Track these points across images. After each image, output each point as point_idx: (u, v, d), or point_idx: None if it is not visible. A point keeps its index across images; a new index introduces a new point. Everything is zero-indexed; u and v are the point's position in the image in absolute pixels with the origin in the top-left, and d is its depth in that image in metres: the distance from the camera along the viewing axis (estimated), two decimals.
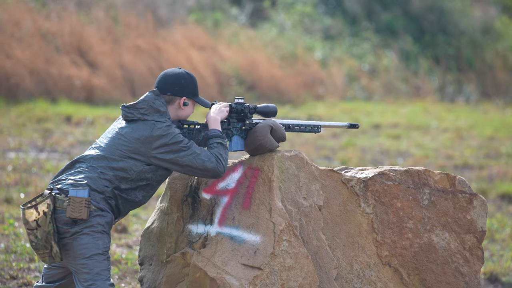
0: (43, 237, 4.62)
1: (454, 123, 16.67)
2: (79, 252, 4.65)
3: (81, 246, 4.65)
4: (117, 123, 4.89)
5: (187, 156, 4.77)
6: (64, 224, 4.64)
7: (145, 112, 4.79)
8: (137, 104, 4.81)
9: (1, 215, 7.93)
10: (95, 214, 4.67)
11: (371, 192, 5.22)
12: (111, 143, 4.77)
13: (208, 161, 4.80)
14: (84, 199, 4.61)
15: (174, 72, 4.94)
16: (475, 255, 5.32)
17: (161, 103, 4.84)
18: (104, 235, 4.70)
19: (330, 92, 20.03)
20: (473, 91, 22.20)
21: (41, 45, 16.30)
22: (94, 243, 4.67)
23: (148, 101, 4.82)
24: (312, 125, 5.32)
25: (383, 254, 5.20)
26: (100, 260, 4.68)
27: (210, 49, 18.98)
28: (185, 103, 4.91)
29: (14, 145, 11.59)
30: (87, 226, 4.65)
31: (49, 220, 4.61)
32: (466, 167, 12.33)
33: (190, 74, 4.96)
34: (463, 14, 24.54)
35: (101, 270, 4.67)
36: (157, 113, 4.81)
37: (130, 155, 4.74)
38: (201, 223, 5.05)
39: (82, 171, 4.73)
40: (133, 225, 8.21)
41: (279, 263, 4.85)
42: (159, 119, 4.79)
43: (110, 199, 4.73)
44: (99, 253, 4.67)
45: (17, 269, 6.53)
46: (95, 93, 16.30)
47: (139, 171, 4.76)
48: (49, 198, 4.63)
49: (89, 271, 4.65)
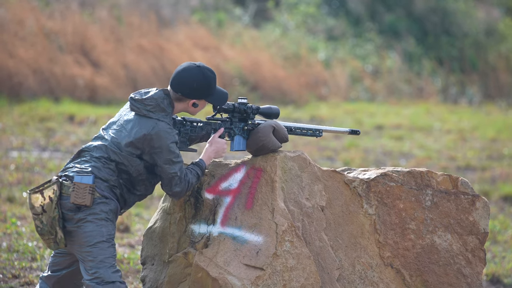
0: (48, 222, 4.65)
1: (457, 124, 16.66)
2: (84, 240, 4.68)
3: (86, 234, 4.68)
4: (124, 113, 4.89)
5: (169, 169, 4.78)
6: (69, 211, 4.67)
7: (152, 109, 4.80)
8: (145, 100, 4.81)
9: (3, 214, 7.93)
10: (99, 201, 4.70)
11: (374, 193, 5.22)
12: (114, 134, 4.80)
13: (179, 184, 4.83)
14: (89, 185, 4.65)
15: (189, 72, 4.88)
16: (477, 256, 5.32)
17: (168, 103, 4.84)
18: (108, 222, 4.72)
19: (333, 93, 20.02)
20: (476, 92, 22.18)
21: (44, 44, 16.31)
22: (98, 230, 4.69)
23: (157, 99, 4.82)
24: (313, 129, 5.32)
25: (386, 255, 5.20)
26: (104, 247, 4.70)
27: (214, 49, 18.98)
28: (194, 104, 4.91)
29: (17, 144, 11.60)
30: (91, 214, 4.68)
31: (54, 205, 4.64)
32: (468, 168, 12.32)
33: (206, 75, 4.89)
34: (466, 15, 24.52)
35: (105, 258, 4.69)
36: (163, 112, 4.81)
37: (131, 150, 4.75)
38: (203, 223, 5.05)
39: (87, 160, 4.77)
40: (136, 224, 8.21)
41: (281, 263, 4.85)
42: (163, 119, 4.79)
43: (114, 188, 4.75)
44: (103, 241, 4.70)
45: (19, 268, 6.53)
46: (98, 92, 16.30)
47: (137, 165, 4.77)
48: (55, 184, 4.66)
49: (93, 258, 4.68)
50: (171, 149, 4.77)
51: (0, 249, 6.93)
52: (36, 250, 6.92)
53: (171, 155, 4.77)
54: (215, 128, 5.10)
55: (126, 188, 4.81)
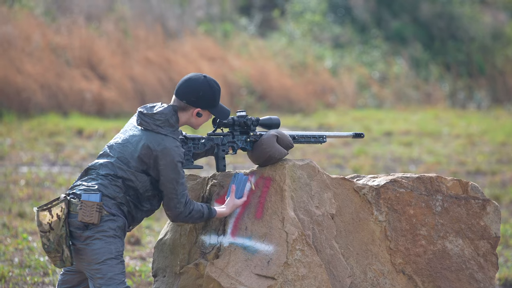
0: (55, 240, 4.65)
1: (465, 129, 16.63)
2: (92, 257, 4.67)
3: (94, 251, 4.67)
4: (129, 128, 4.88)
5: (171, 189, 4.76)
6: (77, 228, 4.67)
7: (161, 124, 4.79)
8: (155, 115, 4.79)
9: (14, 229, 7.95)
10: (107, 219, 4.69)
11: (384, 200, 5.21)
12: (120, 150, 4.78)
13: (178, 207, 4.79)
14: (96, 203, 4.64)
15: (196, 81, 4.87)
16: (489, 261, 5.30)
17: (176, 119, 4.83)
18: (116, 239, 4.72)
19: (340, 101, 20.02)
20: (484, 97, 22.14)
21: (52, 59, 16.36)
22: (106, 247, 4.68)
23: (166, 115, 4.81)
24: (317, 136, 5.32)
25: (397, 261, 5.19)
26: (113, 264, 4.70)
27: (220, 59, 19.02)
28: (198, 114, 4.90)
29: (26, 160, 11.63)
30: (99, 231, 4.67)
31: (62, 223, 4.64)
32: (478, 173, 12.29)
33: (212, 85, 4.88)
34: (472, 20, 24.50)
35: (115, 275, 4.69)
36: (171, 128, 4.80)
37: (137, 165, 4.74)
38: (213, 233, 5.05)
39: (94, 178, 4.76)
40: (146, 237, 8.21)
41: (293, 272, 4.85)
42: (171, 135, 4.78)
43: (122, 205, 4.74)
44: (112, 258, 4.69)
45: (31, 283, 6.54)
46: (106, 106, 16.35)
47: (144, 181, 4.77)
48: (63, 202, 4.66)
49: (103, 276, 4.67)
50: (177, 168, 4.75)
51: (12, 264, 6.94)
52: (48, 265, 6.93)
53: (176, 175, 4.75)
54: (218, 143, 5.08)
55: (133, 205, 4.80)
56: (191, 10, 21.53)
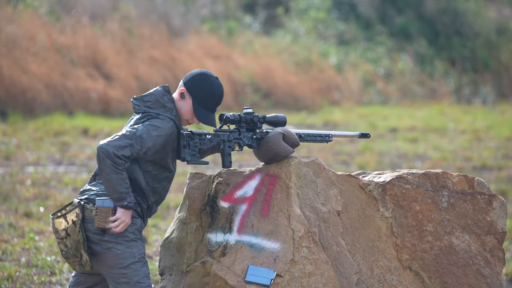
0: (73, 246, 4.64)
1: (471, 124, 16.61)
2: (115, 262, 4.66)
3: (117, 256, 4.66)
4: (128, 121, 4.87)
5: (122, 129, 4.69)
6: (94, 234, 4.66)
7: (151, 105, 4.75)
8: (144, 96, 4.79)
9: (21, 229, 7.96)
10: None
11: (390, 196, 5.20)
12: None
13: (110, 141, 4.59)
14: (110, 209, 4.62)
15: (205, 74, 4.87)
16: (496, 256, 5.29)
17: (168, 99, 4.79)
18: (137, 242, 4.71)
19: (346, 97, 20.02)
20: (489, 92, 22.12)
21: (57, 59, 16.38)
22: (129, 251, 4.68)
23: (156, 95, 4.78)
24: (323, 135, 5.30)
25: (404, 257, 5.18)
26: (138, 268, 4.69)
27: (225, 57, 19.02)
28: (182, 95, 4.84)
29: (32, 160, 11.64)
30: (119, 236, 4.66)
31: (78, 229, 4.63)
32: (484, 168, 12.28)
33: (213, 85, 4.85)
34: (477, 15, 24.48)
35: (140, 278, 4.69)
36: (162, 108, 4.76)
37: None
38: (220, 231, 5.05)
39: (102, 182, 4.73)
40: (153, 235, 8.22)
41: (299, 269, 4.84)
42: (163, 114, 4.76)
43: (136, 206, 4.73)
44: (135, 261, 4.69)
45: (38, 283, 6.55)
46: (111, 105, 16.36)
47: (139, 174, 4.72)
48: (78, 207, 4.65)
49: (129, 280, 4.67)
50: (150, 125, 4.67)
51: (19, 264, 6.95)
52: (54, 264, 6.94)
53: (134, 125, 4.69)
54: (224, 140, 5.06)
55: (142, 200, 4.78)
56: (195, 8, 21.54)
